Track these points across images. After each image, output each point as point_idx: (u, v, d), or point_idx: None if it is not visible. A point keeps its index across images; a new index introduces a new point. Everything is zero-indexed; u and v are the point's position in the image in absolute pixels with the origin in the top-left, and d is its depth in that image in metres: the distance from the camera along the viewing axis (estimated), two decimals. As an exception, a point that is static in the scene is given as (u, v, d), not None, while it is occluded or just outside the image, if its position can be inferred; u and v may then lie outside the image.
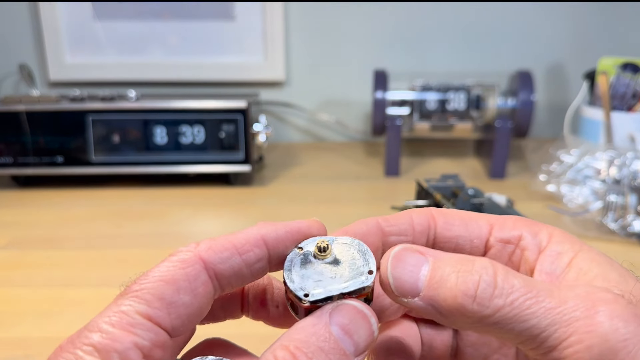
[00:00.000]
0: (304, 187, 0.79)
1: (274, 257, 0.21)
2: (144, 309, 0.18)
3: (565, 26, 1.01)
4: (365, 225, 0.23)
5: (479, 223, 0.23)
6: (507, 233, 0.22)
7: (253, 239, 0.21)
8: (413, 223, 0.23)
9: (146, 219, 0.67)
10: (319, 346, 0.17)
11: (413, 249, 0.20)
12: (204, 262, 0.20)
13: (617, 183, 0.62)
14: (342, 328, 0.18)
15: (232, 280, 0.20)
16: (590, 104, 0.83)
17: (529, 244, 0.21)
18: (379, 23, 1.01)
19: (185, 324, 0.19)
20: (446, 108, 0.83)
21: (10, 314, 0.46)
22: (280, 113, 1.06)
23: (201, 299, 0.19)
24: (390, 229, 0.23)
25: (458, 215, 0.23)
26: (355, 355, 0.18)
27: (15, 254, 0.57)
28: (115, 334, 0.17)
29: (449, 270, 0.19)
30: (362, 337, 0.19)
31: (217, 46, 1.01)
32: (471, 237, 0.22)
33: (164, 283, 0.18)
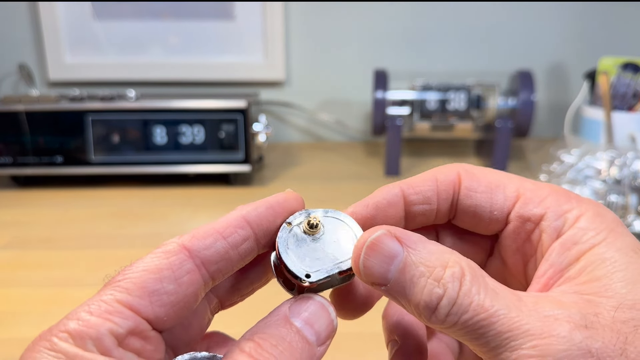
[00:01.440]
0: (304, 187, 0.79)
1: (260, 235, 0.21)
2: (124, 297, 0.18)
3: (566, 26, 1.01)
4: (387, 194, 0.22)
5: (506, 191, 0.21)
6: (531, 209, 0.21)
7: (235, 221, 0.21)
8: (438, 189, 0.22)
9: (146, 219, 0.67)
10: (281, 336, 0.18)
11: (390, 236, 0.19)
12: (188, 250, 0.19)
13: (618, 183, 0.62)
14: (303, 319, 0.19)
15: (221, 266, 0.20)
16: (591, 103, 0.83)
17: (549, 227, 0.20)
18: (379, 23, 1.01)
19: (169, 313, 0.19)
20: (446, 108, 0.83)
21: (10, 314, 0.46)
22: (280, 113, 1.06)
23: (186, 287, 0.19)
24: (414, 197, 0.22)
25: (485, 180, 0.22)
26: (318, 344, 0.19)
27: (15, 254, 0.57)
28: (92, 321, 0.17)
29: (419, 273, 0.18)
30: (322, 326, 0.19)
31: (217, 46, 1.00)
32: (492, 208, 0.21)
33: (146, 272, 0.19)
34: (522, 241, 0.21)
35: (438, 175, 0.22)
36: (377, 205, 0.22)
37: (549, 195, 0.21)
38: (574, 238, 0.19)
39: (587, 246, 0.19)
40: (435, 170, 0.23)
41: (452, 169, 0.22)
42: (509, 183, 0.21)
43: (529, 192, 0.21)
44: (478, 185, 0.22)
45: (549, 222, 0.20)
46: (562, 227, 0.20)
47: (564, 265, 0.19)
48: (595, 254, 0.19)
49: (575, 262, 0.19)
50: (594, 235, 0.19)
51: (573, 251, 0.19)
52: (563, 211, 0.20)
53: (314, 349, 0.19)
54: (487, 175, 0.22)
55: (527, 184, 0.21)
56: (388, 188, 0.22)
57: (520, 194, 0.21)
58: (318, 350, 0.19)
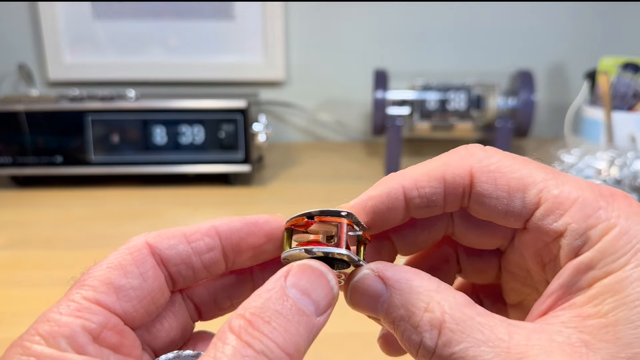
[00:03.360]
0: (304, 187, 0.79)
1: (227, 248, 0.21)
2: (90, 294, 0.18)
3: (566, 26, 1.01)
4: (387, 197, 0.20)
5: (526, 196, 0.19)
6: (550, 224, 0.18)
7: (204, 229, 0.21)
8: (445, 190, 0.20)
9: (146, 219, 0.67)
10: (276, 310, 0.17)
11: (373, 277, 0.19)
12: (150, 247, 0.20)
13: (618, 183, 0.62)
14: (299, 289, 0.18)
15: (182, 269, 0.20)
16: (591, 103, 0.83)
17: (567, 245, 0.18)
18: (379, 23, 1.01)
19: (137, 308, 0.19)
20: (446, 108, 0.83)
21: (10, 314, 0.46)
22: (280, 113, 1.06)
23: (152, 282, 0.19)
24: (417, 201, 0.20)
25: (504, 180, 0.19)
26: (318, 315, 0.18)
27: (15, 254, 0.57)
28: (62, 320, 0.17)
29: (399, 316, 0.18)
30: (320, 295, 0.18)
31: (217, 46, 1.00)
32: (508, 214, 0.19)
33: (111, 269, 0.19)
34: (539, 247, 0.20)
35: (447, 172, 0.20)
36: (374, 209, 0.21)
37: (575, 203, 0.18)
38: (591, 262, 0.17)
39: (602, 273, 0.17)
40: (444, 164, 0.20)
41: (464, 166, 0.20)
42: (532, 184, 0.19)
43: (552, 199, 0.18)
44: (494, 189, 0.19)
45: (568, 240, 0.18)
46: (581, 247, 0.18)
47: (574, 289, 0.18)
48: (608, 284, 0.17)
49: (586, 289, 0.17)
50: (614, 259, 0.17)
51: (586, 276, 0.17)
52: (587, 227, 0.17)
53: (312, 319, 0.17)
54: (506, 174, 0.19)
55: (552, 185, 0.18)
56: (388, 188, 0.20)
57: (542, 201, 0.18)
58: (317, 320, 0.18)
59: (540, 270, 0.20)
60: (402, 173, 0.21)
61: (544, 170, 0.19)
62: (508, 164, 0.19)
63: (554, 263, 0.19)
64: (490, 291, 0.26)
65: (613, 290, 0.16)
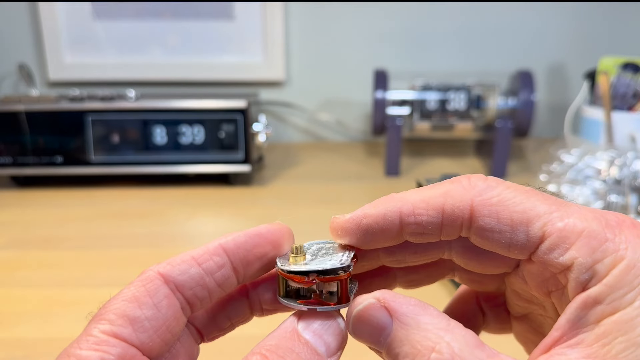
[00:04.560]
0: (304, 187, 0.79)
1: (236, 263, 0.21)
2: (107, 327, 0.18)
3: (566, 26, 1.01)
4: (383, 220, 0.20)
5: (529, 231, 0.18)
6: (556, 258, 0.18)
7: (212, 249, 0.21)
8: (442, 221, 0.20)
9: (146, 219, 0.67)
10: (290, 348, 0.18)
11: (379, 307, 0.18)
12: (162, 276, 0.20)
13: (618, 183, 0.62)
14: (311, 331, 0.19)
15: (197, 291, 0.20)
16: (591, 103, 0.83)
17: (574, 279, 0.17)
18: (379, 23, 1.01)
19: (153, 338, 0.19)
20: (446, 108, 0.83)
21: (9, 314, 0.46)
22: (280, 113, 1.06)
23: (166, 311, 0.19)
24: (413, 227, 0.20)
25: (507, 214, 0.19)
26: (329, 356, 0.19)
27: (15, 254, 0.57)
28: (83, 354, 0.17)
29: (404, 353, 0.17)
30: (331, 337, 0.19)
31: (217, 46, 1.00)
32: (511, 248, 0.19)
33: (126, 302, 0.19)
34: (546, 277, 0.19)
35: (446, 203, 0.19)
36: (368, 229, 0.21)
37: (581, 236, 0.17)
38: (599, 297, 0.17)
39: (610, 309, 0.16)
40: (445, 194, 0.20)
41: (465, 199, 0.19)
42: (535, 217, 0.18)
43: (557, 233, 0.18)
44: (496, 223, 0.19)
45: (575, 274, 0.17)
46: (589, 281, 0.17)
47: (581, 324, 0.17)
48: (618, 321, 0.16)
49: (593, 325, 0.17)
50: (622, 295, 0.16)
51: (594, 311, 0.17)
52: (594, 261, 0.17)
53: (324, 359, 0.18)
54: (508, 207, 0.19)
55: (556, 217, 0.18)
56: (385, 209, 0.20)
57: (547, 235, 0.18)
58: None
59: (546, 296, 0.20)
60: (402, 196, 0.21)
61: (547, 201, 0.19)
62: (510, 196, 0.19)
63: (561, 292, 0.19)
64: (494, 301, 0.25)
65: (623, 329, 0.16)
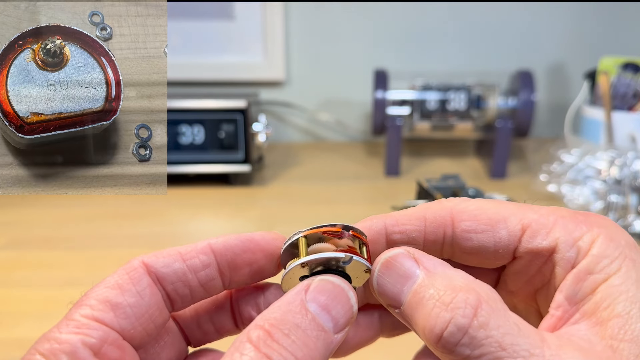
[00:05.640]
0: (304, 187, 0.79)
1: (223, 265, 0.21)
2: (88, 311, 0.18)
3: (566, 26, 1.01)
4: (369, 231, 0.21)
5: (508, 226, 0.20)
6: (540, 243, 0.19)
7: (199, 247, 0.21)
8: (425, 229, 0.21)
9: (146, 219, 0.67)
10: (295, 323, 0.17)
11: (408, 256, 0.19)
12: (146, 266, 0.20)
13: (618, 183, 0.62)
14: (319, 304, 0.18)
15: (178, 287, 0.20)
16: (591, 103, 0.83)
17: (562, 259, 0.18)
18: (379, 23, 1.01)
19: (135, 325, 0.19)
20: (446, 108, 0.83)
21: (9, 314, 0.46)
22: (280, 113, 1.06)
23: (149, 300, 0.19)
24: (397, 236, 0.21)
25: (484, 216, 0.20)
26: (335, 332, 0.18)
27: (15, 254, 0.57)
28: (62, 337, 0.17)
29: (429, 295, 0.17)
30: (340, 312, 0.18)
31: (217, 46, 1.00)
32: (496, 247, 0.20)
33: (108, 289, 0.19)
34: (532, 274, 0.20)
35: (427, 213, 0.21)
36: None
37: (556, 223, 0.19)
38: (588, 267, 0.18)
39: (603, 276, 0.17)
40: (425, 208, 0.21)
41: (444, 208, 0.21)
42: (510, 215, 0.20)
43: (534, 223, 0.19)
44: (477, 224, 0.20)
45: (562, 254, 0.18)
46: (575, 257, 0.18)
47: (579, 297, 0.18)
48: (612, 285, 0.17)
49: (590, 295, 0.17)
50: (609, 263, 0.17)
51: (588, 282, 0.18)
52: (574, 239, 0.18)
53: (330, 336, 0.17)
54: (485, 211, 0.20)
55: (529, 213, 0.20)
56: (371, 222, 0.21)
57: (526, 226, 0.19)
58: (335, 338, 0.17)
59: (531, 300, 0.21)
60: (385, 214, 0.22)
61: (518, 204, 0.20)
62: (484, 203, 0.20)
63: (548, 286, 0.20)
64: None
65: (619, 291, 0.17)
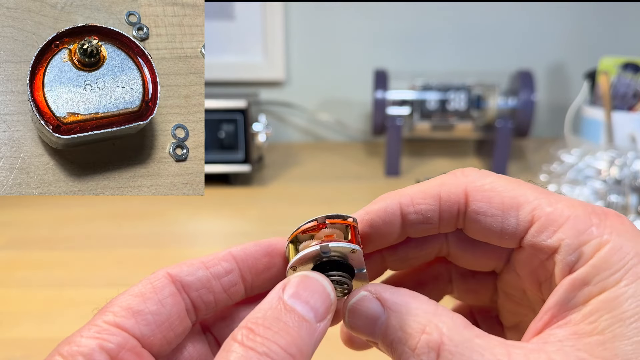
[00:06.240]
0: (304, 187, 0.79)
1: (245, 270, 0.22)
2: (110, 317, 0.19)
3: (566, 26, 1.01)
4: (384, 213, 0.21)
5: (519, 214, 0.19)
6: (544, 240, 0.19)
7: (221, 255, 0.22)
8: (440, 208, 0.21)
9: (146, 219, 0.67)
10: (275, 317, 0.17)
11: (371, 298, 0.19)
12: (170, 276, 0.21)
13: (618, 183, 0.62)
14: (297, 297, 0.18)
15: (203, 294, 0.21)
16: (591, 103, 0.83)
17: (561, 261, 0.18)
18: (379, 23, 1.01)
19: (155, 333, 0.19)
20: (446, 108, 0.83)
21: (9, 314, 0.46)
22: (280, 113, 1.06)
23: (170, 309, 0.20)
24: (413, 217, 0.21)
25: (498, 199, 0.20)
26: (317, 320, 0.18)
27: (15, 254, 0.57)
28: (82, 341, 0.18)
29: (397, 339, 0.18)
30: (318, 301, 0.18)
31: (217, 46, 1.00)
32: (502, 233, 0.20)
33: (131, 297, 0.20)
34: (535, 266, 0.20)
35: (442, 191, 0.21)
36: (371, 223, 0.21)
37: (568, 220, 0.18)
38: (586, 278, 0.17)
39: (597, 289, 0.17)
40: (440, 184, 0.21)
41: (459, 185, 0.20)
42: (525, 202, 0.19)
43: (545, 217, 0.19)
44: (488, 207, 0.20)
45: (563, 256, 0.18)
46: (575, 262, 0.18)
47: (570, 306, 0.18)
48: (604, 300, 0.17)
49: (581, 305, 0.17)
50: (608, 275, 0.17)
51: (582, 292, 0.17)
52: (580, 243, 0.18)
53: (312, 325, 0.18)
54: (500, 193, 0.20)
55: (544, 203, 0.19)
56: (386, 203, 0.21)
57: (536, 218, 0.19)
58: (318, 326, 0.18)
59: (537, 290, 0.21)
60: (399, 191, 0.22)
61: (536, 190, 0.20)
62: (502, 184, 0.20)
63: (550, 281, 0.19)
64: (487, 314, 0.26)
65: (609, 307, 0.16)
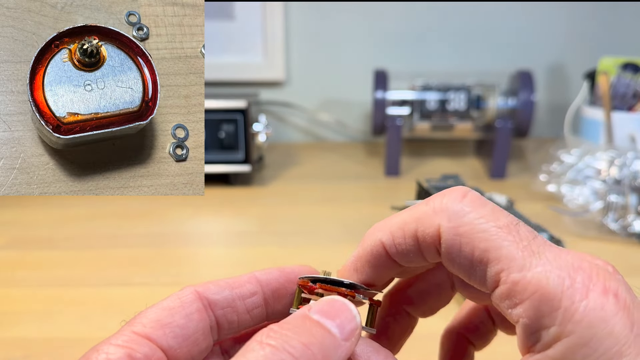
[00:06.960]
0: (304, 187, 0.79)
1: (268, 294, 0.22)
2: (139, 328, 0.19)
3: (566, 26, 1.01)
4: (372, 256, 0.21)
5: (487, 271, 0.18)
6: (506, 307, 0.17)
7: (246, 277, 0.23)
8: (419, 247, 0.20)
9: (146, 219, 0.67)
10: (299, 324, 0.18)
11: None
12: (197, 293, 0.21)
13: (618, 183, 0.62)
14: (322, 313, 0.18)
15: (227, 313, 0.22)
16: (591, 103, 0.83)
17: (520, 335, 0.17)
18: (379, 23, 1.01)
19: (182, 346, 0.20)
20: (446, 108, 0.83)
21: (9, 314, 0.46)
22: (280, 113, 1.06)
23: (196, 324, 0.21)
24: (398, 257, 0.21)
25: (468, 249, 0.18)
26: (343, 338, 0.18)
27: (15, 254, 0.57)
28: (111, 349, 0.19)
29: None
30: (344, 320, 0.18)
31: (217, 46, 1.01)
32: (470, 281, 0.19)
33: (160, 310, 0.20)
34: (505, 320, 0.20)
35: (418, 230, 0.19)
36: (365, 269, 0.22)
37: (532, 297, 0.16)
38: None
39: None
40: (417, 219, 0.20)
41: (433, 225, 0.19)
42: (495, 260, 0.17)
43: (510, 284, 0.17)
44: (457, 255, 0.18)
45: (522, 331, 0.17)
46: (534, 344, 0.17)
47: None
48: None
49: None
50: None
51: None
52: (539, 327, 0.16)
53: (338, 340, 0.17)
54: (472, 241, 0.18)
55: (515, 267, 0.17)
56: (371, 245, 0.21)
57: (501, 282, 0.17)
58: (344, 344, 0.17)
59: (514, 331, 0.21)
60: (383, 226, 0.21)
61: (518, 245, 0.17)
62: (480, 228, 0.18)
63: None
64: None
65: None
